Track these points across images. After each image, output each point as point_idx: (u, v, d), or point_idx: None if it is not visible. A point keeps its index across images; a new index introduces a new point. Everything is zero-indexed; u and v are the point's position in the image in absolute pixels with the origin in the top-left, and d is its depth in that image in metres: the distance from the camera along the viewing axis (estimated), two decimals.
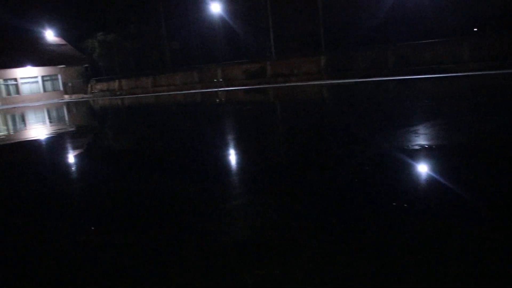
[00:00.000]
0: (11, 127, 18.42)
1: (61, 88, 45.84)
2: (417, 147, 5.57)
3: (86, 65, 44.43)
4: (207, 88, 28.20)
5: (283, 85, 23.57)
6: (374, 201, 3.81)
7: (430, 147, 5.58)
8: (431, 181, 4.34)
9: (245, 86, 26.10)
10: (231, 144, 8.06)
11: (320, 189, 4.39)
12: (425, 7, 22.74)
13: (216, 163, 6.39)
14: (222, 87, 27.21)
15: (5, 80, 42.98)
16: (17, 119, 23.14)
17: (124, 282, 2.77)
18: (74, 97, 42.55)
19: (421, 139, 6.06)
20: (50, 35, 48.31)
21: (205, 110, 17.14)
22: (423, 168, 4.78)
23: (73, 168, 7.31)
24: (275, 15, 29.38)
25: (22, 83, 43.94)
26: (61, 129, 14.90)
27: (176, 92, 30.02)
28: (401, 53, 20.25)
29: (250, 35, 31.32)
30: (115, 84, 38.69)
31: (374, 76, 19.87)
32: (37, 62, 43.82)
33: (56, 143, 11.21)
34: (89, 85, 42.39)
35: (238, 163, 6.33)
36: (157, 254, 3.13)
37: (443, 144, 5.86)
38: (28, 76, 44.04)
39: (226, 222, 3.71)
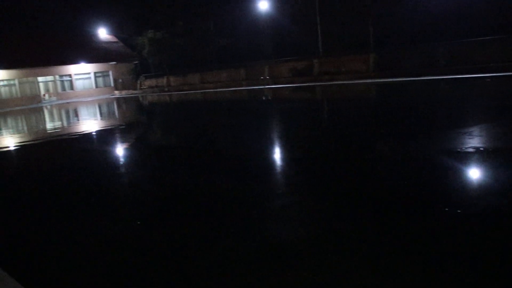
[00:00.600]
0: (67, 121, 19.37)
1: (112, 84, 47.52)
2: (471, 150, 5.41)
3: (136, 62, 45.78)
4: (254, 86, 28.46)
5: (330, 83, 23.43)
6: (427, 205, 3.71)
7: (486, 149, 5.45)
8: (489, 185, 4.12)
9: (292, 83, 26.16)
10: (279, 142, 8.09)
11: (375, 192, 4.30)
12: (478, 2, 22.05)
13: (263, 161, 6.43)
14: (268, 85, 27.40)
15: (61, 76, 44.96)
16: (72, 114, 24.22)
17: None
18: (124, 93, 43.96)
19: (476, 141, 5.87)
20: (103, 33, 50.15)
21: (252, 107, 17.33)
22: (476, 172, 4.64)
23: (122, 163, 7.60)
24: (323, 12, 29.22)
25: (76, 79, 45.87)
26: (113, 124, 15.56)
27: (222, 89, 30.47)
28: (452, 51, 19.69)
29: (297, 33, 31.32)
30: (163, 81, 39.70)
31: (425, 75, 19.43)
32: (90, 59, 45.58)
33: (108, 137, 11.68)
34: (139, 82, 43.67)
35: (285, 162, 6.33)
36: (203, 251, 3.18)
37: (500, 147, 5.73)
38: (82, 72, 45.91)
39: (273, 222, 3.71)
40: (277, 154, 7.00)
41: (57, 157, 9.35)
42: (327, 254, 2.99)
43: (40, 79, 43.61)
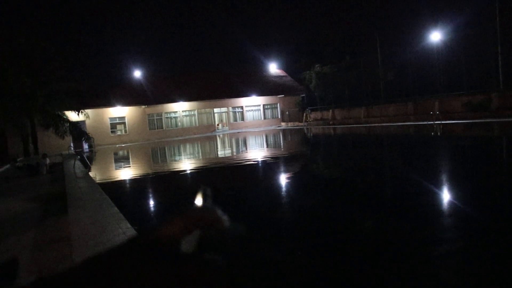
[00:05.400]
0: (239, 149, 21.20)
1: (279, 116, 50.31)
2: None
3: (303, 95, 47.82)
4: (422, 121, 27.31)
5: None
6: None
7: None
8: None
9: (465, 119, 24.42)
10: (449, 185, 7.78)
11: None
12: None
13: (429, 202, 6.32)
14: (439, 120, 26.02)
15: (233, 107, 49.32)
16: (244, 142, 26.37)
17: None
18: (290, 125, 46.12)
19: None
20: (273, 68, 53.76)
21: (419, 144, 16.76)
22: None
23: (286, 191, 8.13)
24: (506, 40, 26.79)
25: (247, 111, 49.78)
26: (279, 153, 16.55)
27: (388, 124, 29.90)
28: None
29: (472, 64, 29.21)
30: (328, 114, 40.62)
31: None
32: (260, 92, 49.14)
33: (274, 165, 12.56)
34: (304, 114, 45.42)
35: (453, 205, 6.11)
36: None
37: None
38: (252, 104, 49.68)
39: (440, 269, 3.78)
40: (443, 197, 6.77)
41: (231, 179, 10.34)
42: None
43: (215, 110, 48.54)
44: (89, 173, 15.00)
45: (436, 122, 25.60)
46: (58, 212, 7.57)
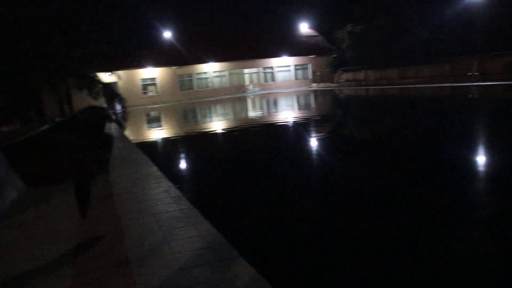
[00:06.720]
0: (271, 110, 21.11)
1: (310, 76, 49.57)
2: None
3: (334, 56, 46.79)
4: (459, 82, 26.40)
5: None
6: None
7: None
8: None
9: (506, 81, 23.46)
10: (489, 152, 7.61)
11: None
12: None
13: (469, 170, 6.20)
14: (477, 82, 25.12)
15: (264, 68, 48.83)
16: (275, 103, 26.23)
17: None
18: (321, 86, 45.46)
19: None
20: (304, 28, 52.60)
21: (455, 107, 16.28)
22: None
23: (319, 155, 8.09)
24: None
25: (277, 71, 49.22)
26: (310, 115, 16.38)
27: (423, 85, 29.07)
28: None
29: None
30: (360, 75, 39.79)
31: None
32: (291, 52, 48.35)
33: (305, 126, 12.46)
34: (336, 75, 44.62)
35: (496, 173, 5.90)
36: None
37: None
38: (283, 65, 49.03)
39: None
40: (486, 164, 6.53)
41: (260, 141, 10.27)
42: None
43: (245, 71, 48.20)
44: (124, 133, 15.31)
45: (474, 84, 24.75)
46: (99, 171, 7.78)
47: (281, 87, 47.83)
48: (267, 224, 4.84)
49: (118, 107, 38.48)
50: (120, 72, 37.04)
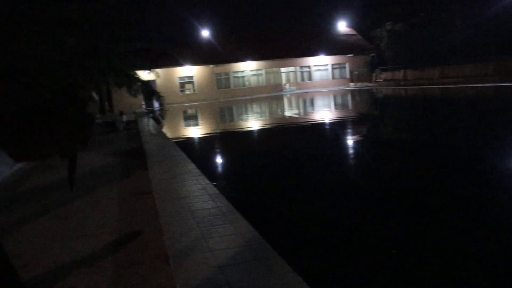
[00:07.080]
0: (308, 109, 20.98)
1: (347, 75, 48.92)
2: None
3: (372, 55, 46.03)
4: (504, 82, 25.47)
5: None
6: None
7: None
8: None
9: None
10: None
11: None
12: None
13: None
14: None
15: (301, 67, 48.56)
16: (312, 103, 26.03)
17: None
18: (359, 85, 44.81)
19: None
20: (342, 26, 51.95)
21: (502, 108, 15.69)
22: None
23: (351, 154, 7.96)
24: None
25: (315, 70, 48.81)
26: (347, 116, 16.16)
27: (465, 85, 28.19)
28: None
29: None
30: (399, 74, 38.96)
31: None
32: (329, 51, 47.83)
33: (340, 128, 12.30)
34: (374, 74, 43.88)
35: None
36: None
37: None
38: (320, 64, 48.58)
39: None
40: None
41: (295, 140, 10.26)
42: None
43: (282, 69, 48.03)
44: (162, 130, 15.58)
45: None
46: (138, 167, 7.96)
47: (318, 86, 47.44)
48: (303, 223, 4.83)
49: (156, 104, 39.24)
50: (159, 70, 37.72)
